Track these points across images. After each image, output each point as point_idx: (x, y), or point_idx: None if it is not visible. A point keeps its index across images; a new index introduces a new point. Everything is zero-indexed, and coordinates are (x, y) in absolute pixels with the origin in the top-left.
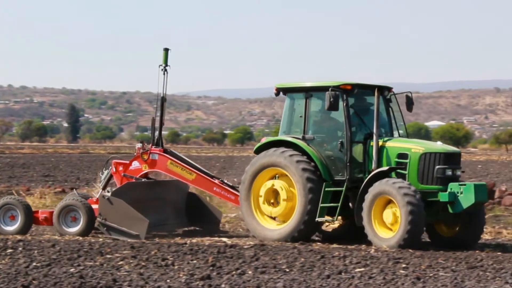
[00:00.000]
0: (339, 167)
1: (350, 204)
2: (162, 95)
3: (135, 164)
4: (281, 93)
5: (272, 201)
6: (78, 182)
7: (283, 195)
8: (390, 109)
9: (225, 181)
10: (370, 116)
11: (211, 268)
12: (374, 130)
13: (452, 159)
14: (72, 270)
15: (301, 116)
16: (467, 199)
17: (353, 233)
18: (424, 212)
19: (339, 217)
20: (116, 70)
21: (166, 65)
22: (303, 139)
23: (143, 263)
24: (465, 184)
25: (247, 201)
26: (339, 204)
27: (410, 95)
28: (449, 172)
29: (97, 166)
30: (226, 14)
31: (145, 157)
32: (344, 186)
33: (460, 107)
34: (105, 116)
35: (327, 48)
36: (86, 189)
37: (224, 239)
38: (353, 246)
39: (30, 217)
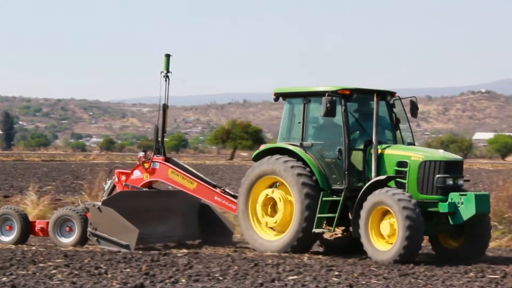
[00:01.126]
0: (337, 175)
1: (350, 214)
2: (164, 102)
3: (137, 174)
4: (280, 98)
5: (270, 210)
6: (12, 189)
7: (280, 204)
8: (393, 115)
9: (227, 190)
10: (372, 122)
11: (144, 276)
12: (373, 137)
13: (453, 168)
14: (4, 279)
15: (299, 122)
16: (467, 210)
17: (356, 242)
18: (423, 227)
19: (342, 227)
20: (51, 77)
21: (168, 71)
22: (301, 146)
23: (76, 272)
24: (465, 194)
25: (245, 210)
26: (336, 215)
27: (414, 100)
28: (450, 181)
29: (31, 173)
30: (161, 21)
31: (147, 166)
32: (342, 196)
33: None
34: (40, 123)
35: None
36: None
37: (158, 246)
38: (286, 254)
39: (27, 228)
